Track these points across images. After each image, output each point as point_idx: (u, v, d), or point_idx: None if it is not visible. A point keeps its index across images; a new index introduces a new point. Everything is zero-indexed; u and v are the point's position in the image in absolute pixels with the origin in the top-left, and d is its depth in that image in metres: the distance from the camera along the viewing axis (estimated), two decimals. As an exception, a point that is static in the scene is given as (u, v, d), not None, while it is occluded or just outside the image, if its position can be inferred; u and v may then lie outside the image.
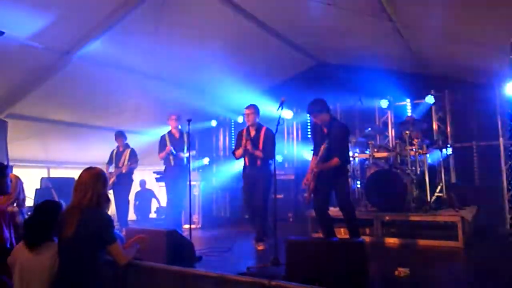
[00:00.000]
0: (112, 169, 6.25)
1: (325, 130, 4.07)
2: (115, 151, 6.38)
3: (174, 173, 5.67)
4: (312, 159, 4.24)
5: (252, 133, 4.86)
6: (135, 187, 7.86)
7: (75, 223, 2.31)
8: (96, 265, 2.37)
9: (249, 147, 4.69)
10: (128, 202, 6.27)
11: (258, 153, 4.70)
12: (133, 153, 6.23)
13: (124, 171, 6.05)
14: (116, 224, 5.41)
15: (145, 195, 8.78)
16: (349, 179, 5.89)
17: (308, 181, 4.06)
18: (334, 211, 4.36)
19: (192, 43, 6.08)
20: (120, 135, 6.34)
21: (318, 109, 4.02)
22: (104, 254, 2.43)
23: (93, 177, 2.47)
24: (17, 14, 4.46)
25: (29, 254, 2.38)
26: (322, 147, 3.92)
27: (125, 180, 6.15)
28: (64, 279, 2.30)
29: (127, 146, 6.35)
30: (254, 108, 4.86)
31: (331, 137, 3.95)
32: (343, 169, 4.12)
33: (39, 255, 2.38)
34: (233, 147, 5.50)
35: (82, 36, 5.13)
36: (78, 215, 2.34)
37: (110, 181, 6.06)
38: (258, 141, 4.76)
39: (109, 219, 2.45)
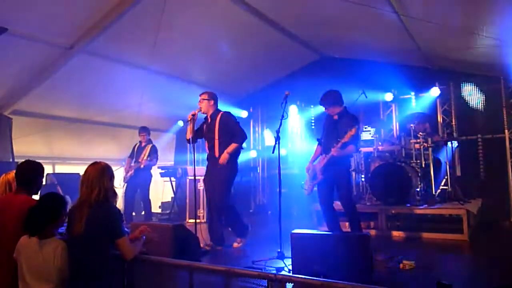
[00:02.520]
0: (133, 163, 6.26)
1: (336, 117, 4.15)
2: (137, 146, 6.39)
3: None
4: (317, 148, 4.29)
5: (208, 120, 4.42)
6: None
7: (85, 219, 2.32)
8: (106, 259, 2.39)
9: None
10: (148, 196, 6.19)
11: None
12: (153, 149, 6.21)
13: (142, 166, 6.05)
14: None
15: None
16: (353, 174, 5.90)
17: (309, 169, 4.19)
18: (338, 204, 4.37)
19: (194, 38, 6.07)
20: (143, 130, 6.35)
21: (331, 103, 4.13)
22: (112, 248, 2.45)
23: (99, 172, 2.47)
24: (19, 10, 4.46)
25: (33, 247, 2.38)
26: (352, 132, 3.77)
27: (143, 175, 6.11)
28: (75, 274, 2.32)
29: (149, 141, 6.34)
30: (207, 95, 4.38)
31: (342, 124, 4.00)
32: (345, 165, 4.18)
33: (43, 249, 2.38)
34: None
35: (85, 31, 5.13)
36: (87, 210, 2.35)
37: (128, 175, 6.09)
38: (214, 129, 4.31)
39: (118, 212, 2.47)
